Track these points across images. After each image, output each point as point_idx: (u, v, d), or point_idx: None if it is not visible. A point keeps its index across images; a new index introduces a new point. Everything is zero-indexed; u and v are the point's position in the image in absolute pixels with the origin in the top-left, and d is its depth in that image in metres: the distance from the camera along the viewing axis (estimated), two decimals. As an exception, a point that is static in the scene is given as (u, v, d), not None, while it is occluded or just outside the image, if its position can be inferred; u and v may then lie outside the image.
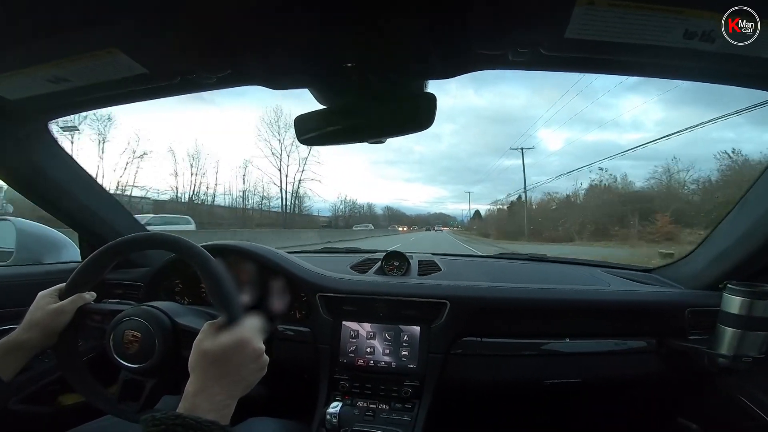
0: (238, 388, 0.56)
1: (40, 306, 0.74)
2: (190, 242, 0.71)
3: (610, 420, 1.35)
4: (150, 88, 0.84)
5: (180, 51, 0.71)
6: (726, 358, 0.95)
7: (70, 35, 0.64)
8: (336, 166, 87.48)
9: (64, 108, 0.97)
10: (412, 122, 0.75)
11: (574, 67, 0.75)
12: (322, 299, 1.15)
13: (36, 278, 1.24)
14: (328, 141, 0.83)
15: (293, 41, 0.67)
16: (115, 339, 0.71)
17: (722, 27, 0.56)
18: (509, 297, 1.14)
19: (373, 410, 1.05)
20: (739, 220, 1.06)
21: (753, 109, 7.35)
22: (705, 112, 13.30)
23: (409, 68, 0.74)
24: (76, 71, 0.75)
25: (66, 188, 1.15)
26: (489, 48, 0.66)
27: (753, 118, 11.34)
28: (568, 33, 0.58)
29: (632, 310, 1.14)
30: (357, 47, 0.69)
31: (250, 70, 0.77)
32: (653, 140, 24.69)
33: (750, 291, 0.92)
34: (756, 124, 11.71)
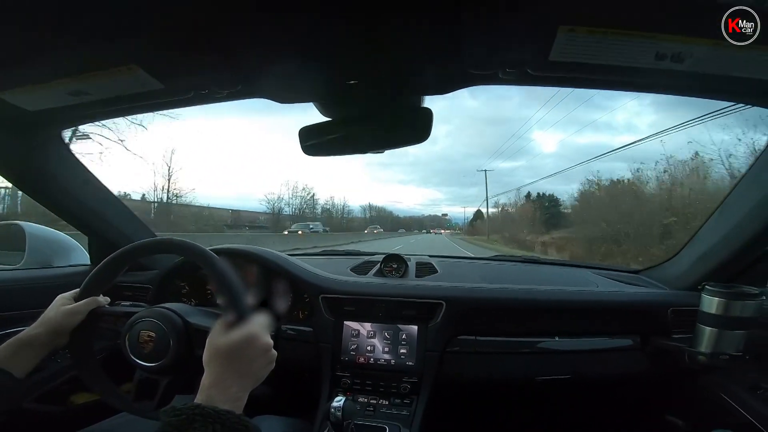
0: (249, 381, 0.60)
1: (56, 305, 0.77)
2: (199, 246, 0.75)
3: (600, 416, 1.40)
4: (164, 101, 0.88)
5: (195, 68, 0.75)
6: (705, 356, 0.99)
7: (93, 51, 0.67)
8: (329, 169, 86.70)
9: (78, 118, 1.02)
10: (410, 135, 0.81)
11: (559, 84, 0.81)
12: (325, 300, 1.20)
13: (46, 281, 1.27)
14: (330, 152, 0.88)
15: (300, 59, 0.72)
16: (130, 339, 0.74)
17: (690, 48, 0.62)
18: (502, 297, 1.19)
19: (373, 405, 1.10)
20: (720, 224, 1.10)
21: (712, 117, 7.58)
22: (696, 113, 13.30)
23: (407, 85, 0.79)
24: (96, 85, 0.78)
25: (77, 194, 1.19)
26: (480, 68, 0.71)
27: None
28: (552, 56, 0.64)
29: (618, 310, 1.19)
30: (359, 66, 0.74)
31: (258, 85, 0.82)
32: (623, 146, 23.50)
33: (726, 292, 0.96)
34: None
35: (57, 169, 1.12)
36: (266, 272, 1.22)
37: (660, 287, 1.29)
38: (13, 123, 0.92)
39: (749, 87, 0.74)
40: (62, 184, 1.15)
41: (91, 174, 1.21)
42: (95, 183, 1.23)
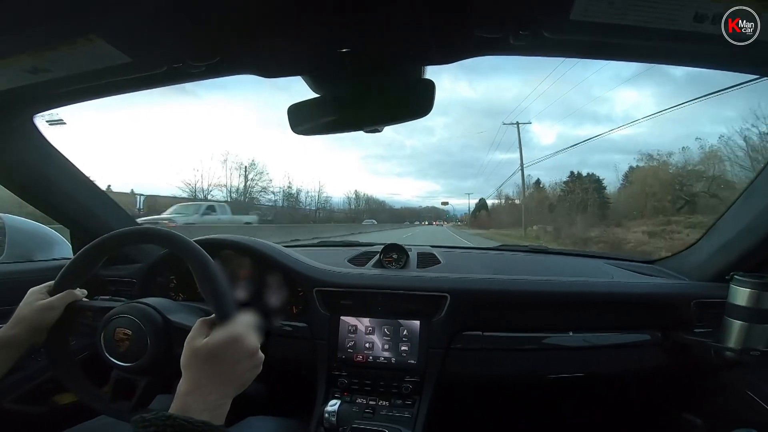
0: (232, 387, 0.55)
1: (28, 302, 0.73)
2: (182, 236, 0.70)
3: (614, 415, 1.35)
4: (136, 78, 0.81)
5: (164, 38, 0.68)
6: (733, 352, 0.94)
7: (46, 24, 0.61)
8: (326, 161, 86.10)
9: (48, 100, 0.95)
10: (410, 109, 0.73)
11: (578, 51, 0.72)
12: (319, 294, 1.13)
13: (27, 275, 1.22)
14: (322, 130, 0.80)
15: (285, 26, 0.64)
16: (105, 337, 0.70)
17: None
18: (511, 290, 1.12)
19: (372, 407, 1.04)
20: (744, 210, 1.04)
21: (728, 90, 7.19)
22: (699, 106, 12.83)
23: (406, 54, 0.71)
24: (55, 61, 0.72)
25: (55, 183, 1.13)
26: (489, 30, 0.62)
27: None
28: (573, 15, 0.56)
29: (636, 302, 1.12)
30: (352, 32, 0.66)
31: (240, 57, 0.75)
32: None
33: (758, 282, 0.91)
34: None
35: (31, 156, 1.06)
36: (257, 264, 1.15)
37: (679, 278, 1.22)
38: None
39: None
40: (37, 172, 1.09)
41: (68, 161, 1.15)
42: (74, 172, 1.17)
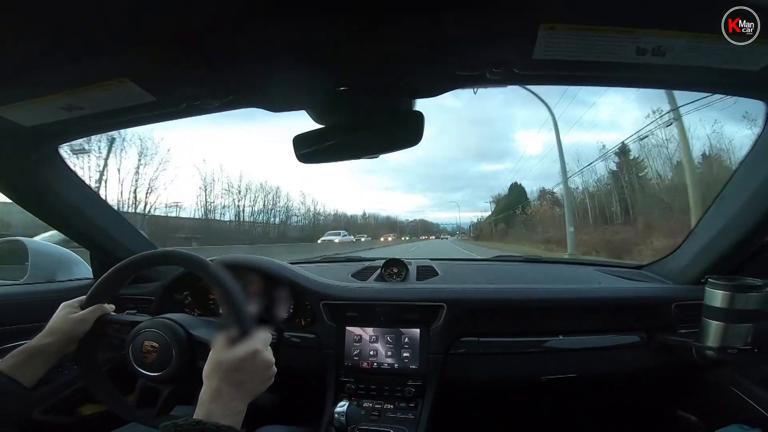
0: (248, 396, 0.61)
1: (62, 314, 0.78)
2: (202, 258, 0.76)
3: (611, 415, 1.38)
4: (157, 114, 0.89)
5: (186, 80, 0.76)
6: (712, 350, 0.97)
7: (84, 66, 0.68)
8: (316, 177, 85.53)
9: (74, 132, 1.02)
10: (403, 139, 0.81)
11: (546, 82, 0.82)
12: (326, 307, 1.20)
13: (51, 295, 1.28)
14: (324, 158, 0.88)
15: (290, 69, 0.72)
16: (134, 348, 0.75)
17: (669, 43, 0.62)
18: (503, 297, 1.19)
19: (378, 410, 1.09)
20: (718, 216, 1.09)
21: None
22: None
23: (397, 89, 0.80)
24: (89, 100, 0.79)
25: (76, 208, 1.19)
26: (467, 69, 0.72)
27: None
28: (535, 54, 0.65)
29: (621, 306, 1.17)
30: (348, 72, 0.75)
31: (250, 95, 0.83)
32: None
33: (729, 284, 0.95)
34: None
35: (56, 185, 1.12)
36: (267, 281, 1.23)
37: (663, 282, 1.28)
38: (10, 139, 0.93)
39: (730, 78, 0.73)
40: (61, 199, 1.15)
41: (89, 188, 1.23)
42: (94, 197, 1.25)
